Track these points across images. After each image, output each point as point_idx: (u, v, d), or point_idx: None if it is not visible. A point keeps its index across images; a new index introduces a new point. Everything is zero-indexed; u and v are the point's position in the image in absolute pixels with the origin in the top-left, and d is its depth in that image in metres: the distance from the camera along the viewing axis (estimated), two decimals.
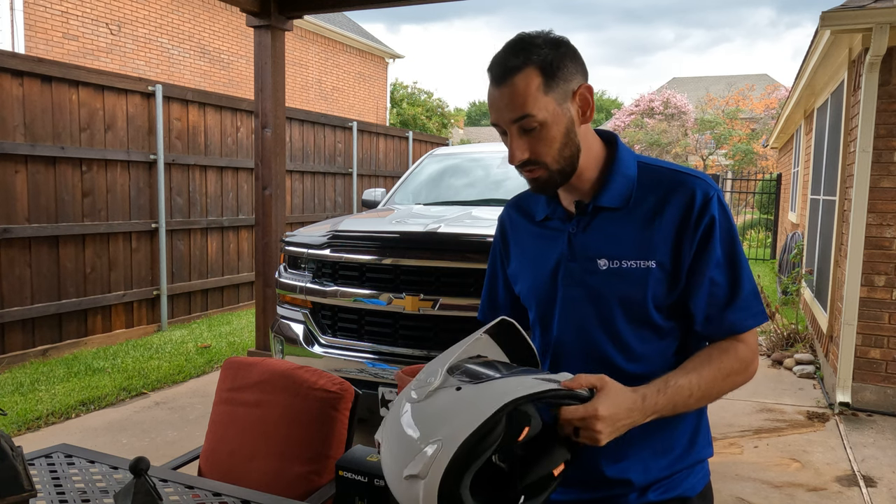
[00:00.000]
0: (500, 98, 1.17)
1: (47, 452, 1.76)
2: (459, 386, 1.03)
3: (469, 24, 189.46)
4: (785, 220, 12.33)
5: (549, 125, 1.17)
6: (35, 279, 5.44)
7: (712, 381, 1.17)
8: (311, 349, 3.70)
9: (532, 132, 1.17)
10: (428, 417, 1.02)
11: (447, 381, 1.04)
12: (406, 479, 1.00)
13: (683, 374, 1.16)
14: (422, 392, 1.04)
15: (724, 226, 1.20)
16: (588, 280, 1.23)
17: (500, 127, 1.20)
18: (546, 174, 1.20)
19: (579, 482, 1.28)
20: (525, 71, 1.15)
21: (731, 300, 1.19)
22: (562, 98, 1.18)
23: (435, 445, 0.97)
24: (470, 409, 0.99)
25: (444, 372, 1.06)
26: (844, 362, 4.51)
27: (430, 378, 1.05)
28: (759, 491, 3.38)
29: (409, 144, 11.80)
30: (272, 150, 5.14)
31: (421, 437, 1.00)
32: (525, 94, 1.14)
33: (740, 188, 19.15)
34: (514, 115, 1.16)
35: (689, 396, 1.15)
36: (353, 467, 1.40)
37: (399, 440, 1.04)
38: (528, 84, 1.15)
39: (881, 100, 4.39)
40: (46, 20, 10.27)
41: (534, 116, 1.15)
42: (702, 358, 1.19)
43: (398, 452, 1.03)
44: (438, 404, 1.02)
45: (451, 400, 1.02)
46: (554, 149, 1.18)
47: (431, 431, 0.99)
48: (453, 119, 26.38)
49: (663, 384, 1.13)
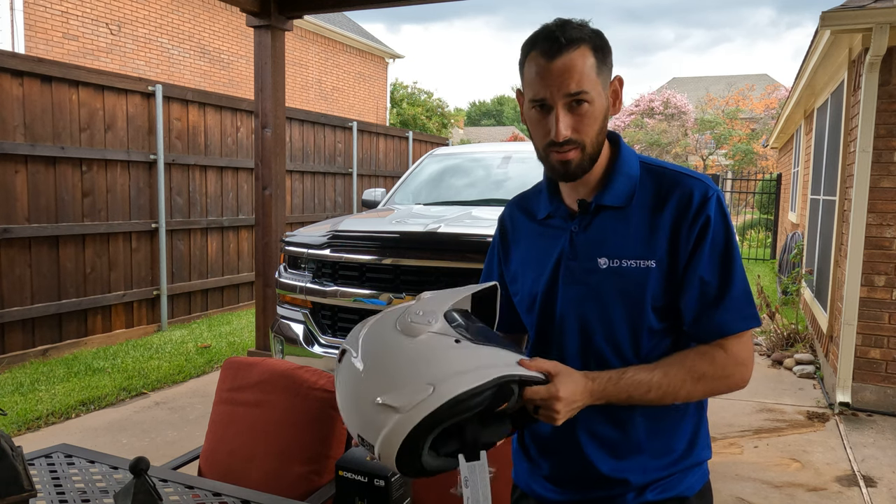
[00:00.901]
0: (555, 70, 1.14)
1: (47, 452, 1.76)
2: (458, 339, 1.06)
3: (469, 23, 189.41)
4: (785, 220, 12.33)
5: (596, 106, 1.17)
6: (35, 279, 5.44)
7: (680, 381, 1.17)
8: (311, 349, 3.70)
9: (579, 109, 1.16)
10: (423, 357, 1.03)
11: (446, 328, 1.07)
12: (379, 405, 1.00)
13: (647, 371, 1.17)
14: (417, 328, 1.06)
15: (719, 226, 1.19)
16: (588, 279, 1.24)
17: (546, 101, 1.16)
18: (580, 156, 1.19)
19: (577, 481, 1.28)
20: (582, 47, 1.15)
21: (720, 300, 1.18)
22: (604, 84, 1.19)
23: (428, 388, 0.99)
24: (470, 368, 1.02)
25: (443, 317, 1.08)
26: (844, 362, 4.51)
27: (429, 318, 1.07)
28: (759, 491, 3.38)
29: (409, 144, 11.80)
30: (272, 150, 5.14)
31: (412, 373, 1.01)
32: (582, 70, 1.14)
33: (740, 188, 19.15)
34: (570, 90, 1.14)
35: (648, 391, 1.16)
36: (352, 467, 1.40)
37: (385, 365, 1.04)
38: (585, 61, 1.15)
39: (881, 100, 4.39)
40: (46, 20, 10.27)
41: (588, 93, 1.15)
42: (675, 358, 1.20)
43: (380, 376, 1.04)
44: (435, 348, 1.04)
45: (449, 349, 1.04)
46: (594, 130, 1.18)
47: (425, 372, 1.01)
48: (453, 119, 26.39)
49: (618, 375, 1.16)
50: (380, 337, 1.08)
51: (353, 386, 1.06)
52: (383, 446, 1.01)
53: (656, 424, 1.25)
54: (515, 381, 1.05)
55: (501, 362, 1.05)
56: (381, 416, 1.00)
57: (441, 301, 1.12)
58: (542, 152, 1.22)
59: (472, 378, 1.00)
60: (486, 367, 1.03)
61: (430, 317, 1.07)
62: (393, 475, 1.37)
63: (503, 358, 1.07)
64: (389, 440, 0.99)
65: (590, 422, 1.25)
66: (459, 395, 0.99)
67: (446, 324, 1.07)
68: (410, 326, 1.06)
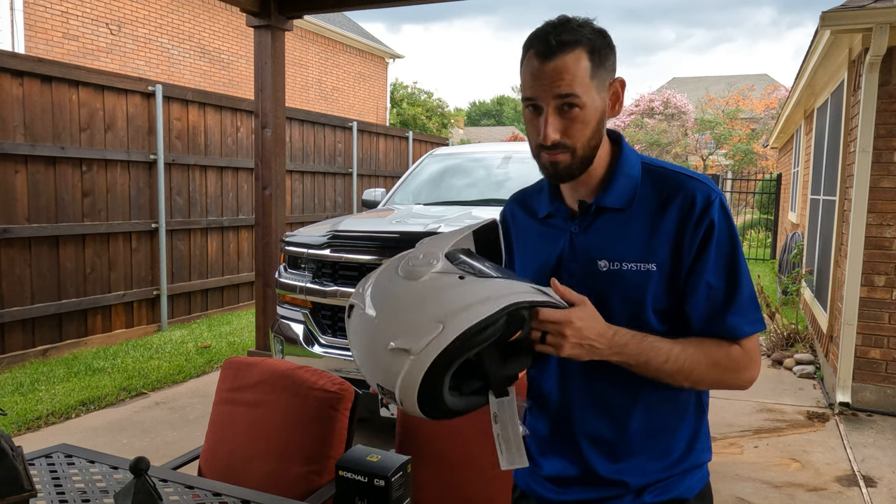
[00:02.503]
0: (547, 72, 1.14)
1: (47, 452, 1.76)
2: (462, 275, 1.05)
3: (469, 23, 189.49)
4: (785, 220, 12.33)
5: (588, 110, 1.16)
6: (35, 279, 5.44)
7: (695, 361, 1.17)
8: (311, 349, 3.70)
9: (569, 113, 1.16)
10: (429, 297, 1.02)
11: (448, 266, 1.06)
12: (391, 351, 1.00)
13: (667, 342, 1.17)
14: (420, 271, 1.05)
15: (723, 230, 1.19)
16: (588, 281, 1.23)
17: (537, 102, 1.17)
18: (569, 160, 1.19)
19: (576, 482, 1.28)
20: (577, 50, 1.14)
21: (729, 305, 1.18)
22: (600, 86, 1.18)
23: (437, 326, 0.98)
24: (476, 301, 1.00)
25: (444, 257, 1.08)
26: (844, 362, 4.51)
27: (430, 259, 1.06)
28: (759, 491, 3.38)
29: (409, 144, 11.80)
30: (272, 150, 5.14)
31: (420, 315, 1.01)
32: (574, 73, 1.14)
33: (740, 188, 19.15)
34: (561, 92, 1.14)
35: (665, 362, 1.15)
36: (353, 467, 1.40)
37: (393, 311, 1.04)
38: (578, 64, 1.14)
39: (881, 100, 4.39)
40: (46, 20, 10.27)
41: (579, 97, 1.14)
42: (694, 340, 1.20)
43: (389, 322, 1.03)
44: (441, 287, 1.03)
45: (454, 286, 1.03)
46: (585, 135, 1.18)
47: (433, 311, 1.00)
48: (453, 119, 26.39)
49: (641, 336, 1.16)
50: (385, 285, 1.08)
51: (366, 336, 1.06)
52: (403, 391, 1.00)
53: (655, 426, 1.24)
54: (526, 308, 1.04)
55: (511, 291, 1.04)
56: (396, 362, 1.00)
57: (441, 242, 1.12)
58: (534, 151, 1.22)
59: (480, 310, 0.99)
60: (495, 297, 1.01)
61: (431, 258, 1.07)
62: (393, 475, 1.37)
63: (513, 287, 1.05)
64: (407, 384, 0.99)
65: (588, 423, 1.25)
66: (469, 328, 0.98)
67: (448, 263, 1.07)
68: (413, 270, 1.05)
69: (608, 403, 1.24)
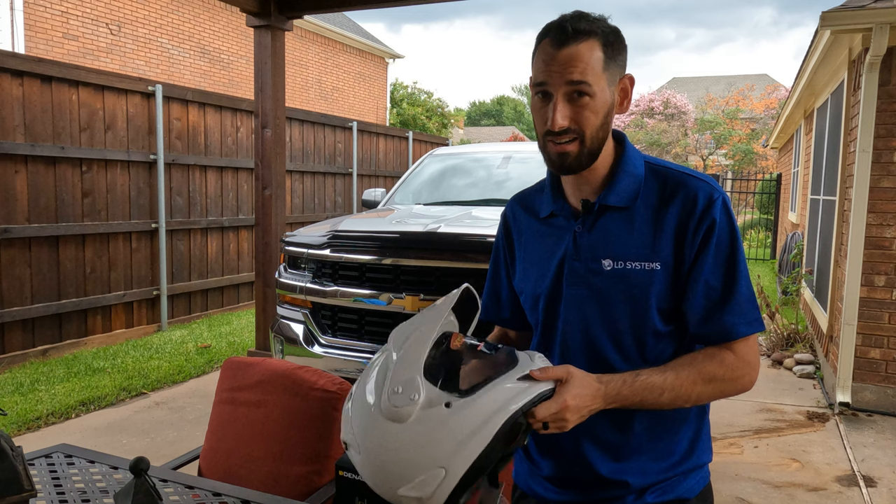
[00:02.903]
0: (560, 59, 1.15)
1: (47, 452, 1.76)
2: (448, 402, 1.01)
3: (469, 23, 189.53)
4: (785, 220, 12.33)
5: (597, 100, 1.16)
6: (35, 279, 5.44)
7: (691, 383, 1.17)
8: (311, 349, 3.70)
9: (579, 101, 1.16)
10: (421, 441, 0.99)
11: (431, 395, 1.01)
12: (402, 496, 1.00)
13: (659, 373, 1.16)
14: (404, 412, 1.00)
15: (724, 230, 1.19)
16: (592, 280, 1.23)
17: (547, 89, 1.17)
18: (578, 149, 1.19)
19: (577, 482, 1.28)
20: (591, 40, 1.15)
21: (725, 304, 1.18)
22: (611, 80, 1.19)
23: (440, 472, 0.98)
24: (472, 430, 0.99)
25: (424, 381, 1.01)
26: (844, 362, 4.51)
27: (410, 392, 1.00)
28: (759, 491, 3.38)
29: (409, 144, 11.80)
30: (272, 150, 5.14)
31: (419, 462, 0.99)
32: (587, 62, 1.14)
33: (740, 188, 19.14)
34: (572, 78, 1.14)
35: (661, 395, 1.15)
36: (353, 467, 1.39)
37: (391, 462, 1.01)
38: (592, 54, 1.15)
39: (881, 100, 4.39)
40: (46, 20, 10.27)
41: (590, 85, 1.15)
42: (685, 360, 1.19)
43: (390, 473, 1.01)
44: (430, 428, 0.99)
45: (444, 421, 0.99)
46: (594, 124, 1.18)
47: (431, 456, 0.98)
48: (453, 119, 26.37)
49: (631, 378, 1.15)
50: (372, 432, 1.03)
51: (373, 482, 1.05)
52: None
53: (656, 427, 1.24)
54: (522, 414, 1.03)
55: (502, 399, 1.02)
56: (411, 501, 1.01)
57: (414, 360, 1.04)
58: (541, 141, 1.22)
59: (478, 442, 0.99)
60: (488, 418, 1.00)
61: (410, 390, 1.00)
62: None
63: (503, 393, 1.03)
64: None
65: (590, 423, 1.25)
66: (472, 465, 0.99)
67: (431, 387, 1.01)
68: (396, 412, 1.00)
69: None
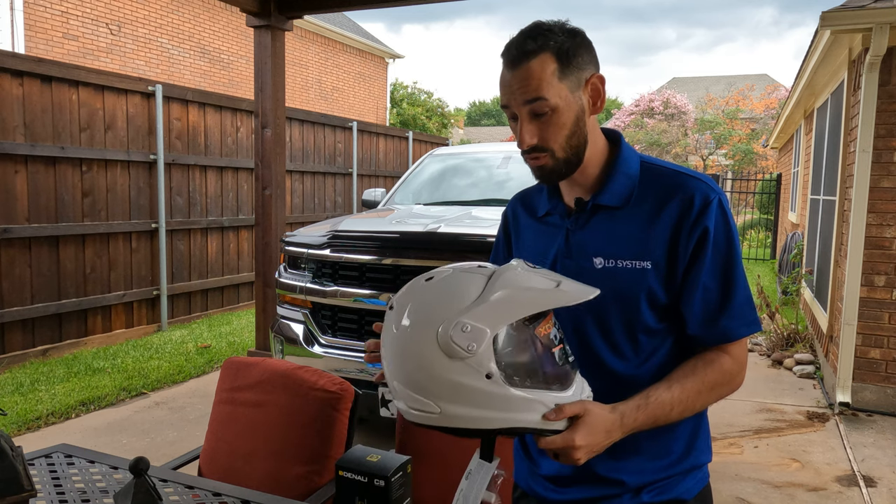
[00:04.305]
0: (514, 80, 1.16)
1: (47, 452, 1.76)
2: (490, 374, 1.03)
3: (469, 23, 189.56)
4: (785, 220, 12.33)
5: (561, 111, 1.17)
6: (35, 279, 5.44)
7: (696, 393, 1.17)
8: (311, 349, 3.70)
9: (542, 117, 1.17)
10: (447, 379, 1.03)
11: (484, 358, 1.02)
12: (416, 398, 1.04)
13: (666, 388, 1.16)
14: (455, 351, 1.01)
15: (721, 231, 1.19)
16: (583, 278, 1.23)
17: (511, 110, 1.19)
18: (552, 162, 1.20)
19: (575, 481, 1.28)
20: (541, 56, 1.15)
21: (724, 307, 1.18)
22: (574, 86, 1.18)
23: (435, 408, 1.03)
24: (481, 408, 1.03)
25: (489, 343, 1.02)
26: (844, 362, 4.51)
27: (473, 342, 1.01)
28: (759, 491, 3.38)
29: (409, 144, 11.80)
30: (272, 150, 5.14)
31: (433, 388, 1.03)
32: (540, 78, 1.15)
33: (740, 188, 19.14)
34: (527, 97, 1.16)
35: (671, 410, 1.15)
36: (353, 467, 1.39)
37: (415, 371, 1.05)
38: (544, 68, 1.15)
39: (881, 100, 4.39)
40: (46, 20, 10.27)
41: (546, 100, 1.15)
42: (686, 370, 1.19)
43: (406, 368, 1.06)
44: (462, 377, 1.02)
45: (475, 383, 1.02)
46: (562, 136, 1.19)
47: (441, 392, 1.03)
48: (453, 119, 26.38)
49: (643, 400, 1.14)
50: (417, 345, 1.04)
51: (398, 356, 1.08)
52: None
53: (654, 428, 1.24)
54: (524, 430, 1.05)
55: (521, 410, 1.03)
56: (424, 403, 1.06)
57: (501, 316, 1.02)
58: (522, 156, 1.25)
59: (476, 419, 1.01)
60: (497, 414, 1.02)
61: (473, 339, 1.00)
62: (393, 475, 1.37)
63: (528, 405, 1.03)
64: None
65: None
66: (457, 427, 1.02)
67: (489, 351, 1.01)
68: (451, 347, 1.01)
69: (608, 403, 1.24)
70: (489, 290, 1.03)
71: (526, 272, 1.07)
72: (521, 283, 1.04)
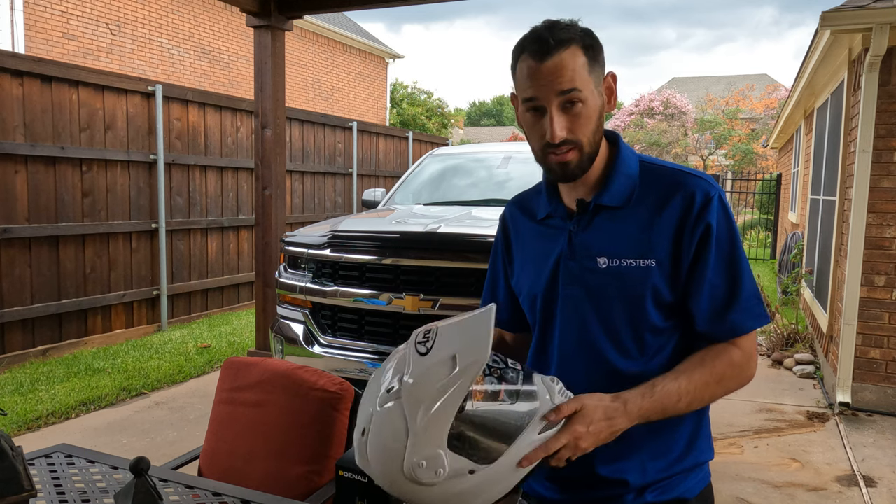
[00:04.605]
0: (546, 71, 1.14)
1: (47, 452, 1.76)
2: (473, 470, 1.03)
3: (470, 23, 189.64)
4: (785, 220, 12.33)
5: (590, 105, 1.17)
6: (35, 279, 5.44)
7: (704, 385, 1.17)
8: (311, 349, 3.70)
9: (573, 109, 1.16)
10: (444, 497, 1.03)
11: (456, 465, 1.02)
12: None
13: (673, 379, 1.16)
14: (427, 482, 1.02)
15: (723, 227, 1.19)
16: (588, 279, 1.23)
17: (539, 102, 1.17)
18: (578, 156, 1.19)
19: (576, 482, 1.28)
20: (572, 47, 1.15)
21: (731, 302, 1.19)
22: (598, 81, 1.19)
23: None
24: (493, 485, 1.03)
25: (448, 454, 1.01)
26: (844, 362, 4.51)
27: (435, 467, 1.01)
28: (759, 491, 3.38)
29: (409, 144, 11.80)
30: (272, 150, 5.14)
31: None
32: (574, 68, 1.14)
33: (740, 188, 19.14)
34: (562, 88, 1.14)
35: (679, 401, 1.15)
36: (353, 467, 1.39)
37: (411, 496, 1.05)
38: (576, 60, 1.15)
39: (881, 100, 4.39)
40: (46, 20, 10.27)
41: (580, 91, 1.15)
42: (694, 361, 1.19)
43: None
44: (455, 489, 1.02)
45: (467, 482, 1.03)
46: (590, 129, 1.18)
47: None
48: (453, 119, 26.39)
49: (649, 389, 1.14)
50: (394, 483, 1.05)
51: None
52: None
53: (654, 425, 1.24)
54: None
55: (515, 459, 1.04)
56: None
57: (438, 433, 1.01)
58: (539, 154, 1.22)
59: (501, 490, 1.04)
60: (509, 474, 1.04)
61: (434, 465, 1.01)
62: None
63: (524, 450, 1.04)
64: None
65: None
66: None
67: (455, 458, 1.01)
68: (419, 482, 1.02)
69: None
70: (410, 416, 1.02)
71: (423, 371, 1.03)
72: (429, 390, 1.01)
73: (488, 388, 1.06)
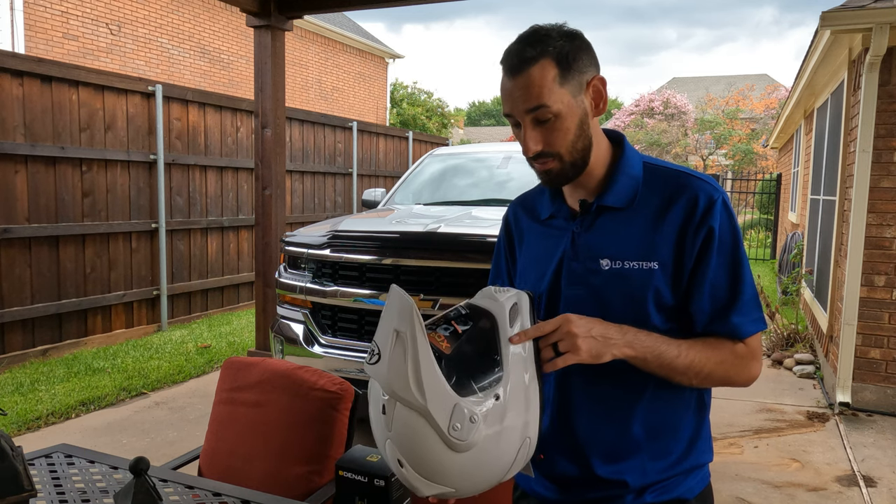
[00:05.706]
0: (515, 88, 1.16)
1: (47, 452, 1.76)
2: (497, 395, 1.05)
3: (470, 23, 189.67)
4: (785, 220, 12.33)
5: (564, 116, 1.17)
6: (35, 279, 5.43)
7: (705, 357, 1.17)
8: (311, 349, 3.70)
9: (546, 123, 1.17)
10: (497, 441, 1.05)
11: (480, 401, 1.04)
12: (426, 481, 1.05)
13: (674, 341, 1.17)
14: (474, 436, 1.02)
15: (726, 230, 1.19)
16: (590, 280, 1.23)
17: (514, 118, 1.19)
18: (559, 166, 1.20)
19: (577, 482, 1.28)
20: (541, 62, 1.15)
21: (732, 305, 1.19)
22: (576, 90, 1.18)
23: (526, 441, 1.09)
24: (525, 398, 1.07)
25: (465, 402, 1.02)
26: (844, 362, 4.51)
27: (471, 417, 1.02)
28: (759, 491, 3.38)
29: (409, 144, 11.80)
30: (272, 150, 5.14)
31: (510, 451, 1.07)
32: (541, 85, 1.14)
33: (740, 188, 19.14)
34: (529, 105, 1.15)
35: (677, 356, 1.16)
36: (353, 467, 1.40)
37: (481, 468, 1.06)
38: (544, 75, 1.15)
39: (881, 100, 4.39)
40: (46, 20, 10.27)
41: (549, 107, 1.15)
42: (697, 339, 1.20)
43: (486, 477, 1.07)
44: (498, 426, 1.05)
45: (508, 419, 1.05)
46: (568, 140, 1.19)
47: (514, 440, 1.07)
48: (453, 119, 26.39)
49: (648, 332, 1.16)
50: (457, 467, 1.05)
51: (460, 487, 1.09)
52: None
53: (656, 425, 1.24)
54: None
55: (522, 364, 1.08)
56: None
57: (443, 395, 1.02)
58: (528, 161, 1.24)
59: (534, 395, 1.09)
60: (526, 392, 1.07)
61: (463, 416, 1.01)
62: (393, 475, 1.37)
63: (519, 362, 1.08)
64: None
65: (588, 423, 1.25)
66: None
67: (474, 399, 1.03)
68: (469, 443, 1.02)
69: (609, 404, 1.24)
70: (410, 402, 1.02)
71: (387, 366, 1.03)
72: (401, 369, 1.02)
73: (444, 333, 1.09)
